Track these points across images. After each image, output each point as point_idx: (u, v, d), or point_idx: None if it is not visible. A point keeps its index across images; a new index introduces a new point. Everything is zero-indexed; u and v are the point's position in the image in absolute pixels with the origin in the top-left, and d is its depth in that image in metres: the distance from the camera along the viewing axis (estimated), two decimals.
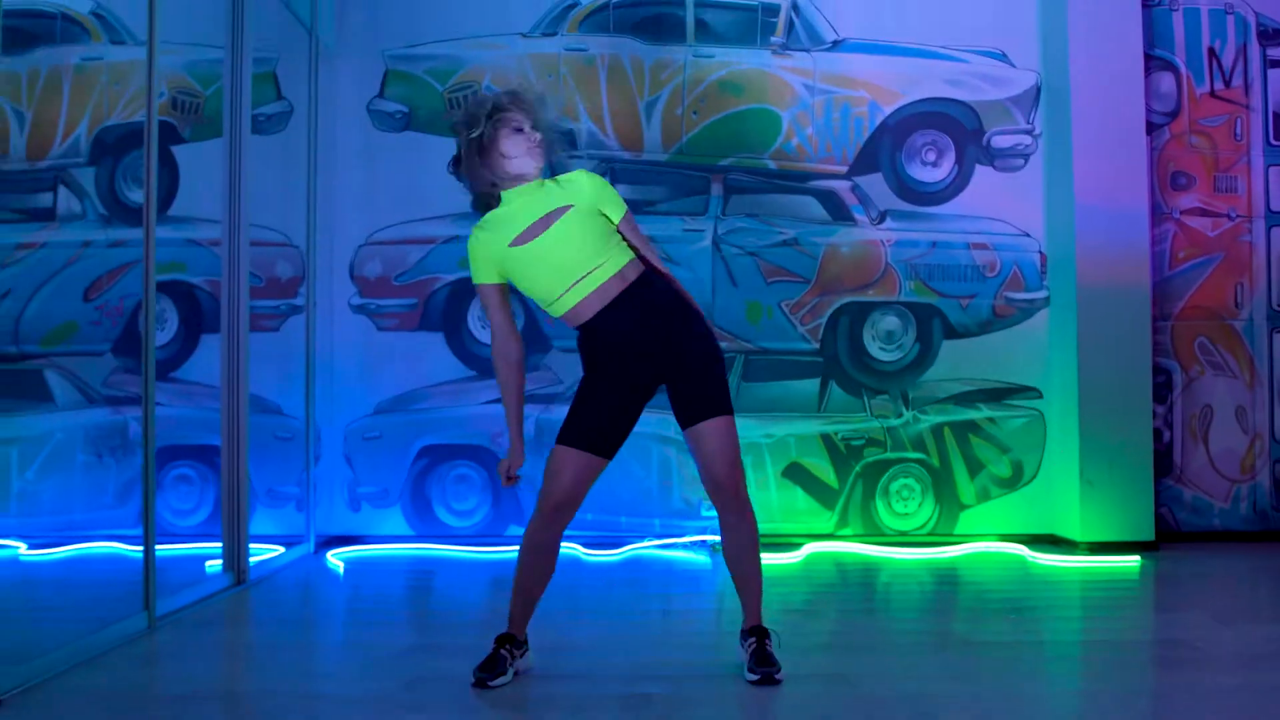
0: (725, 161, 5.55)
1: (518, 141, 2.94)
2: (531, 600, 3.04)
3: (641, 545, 5.28)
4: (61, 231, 5.44)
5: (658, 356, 2.97)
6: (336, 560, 4.97)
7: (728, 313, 5.48)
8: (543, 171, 3.02)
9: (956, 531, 5.50)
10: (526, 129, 2.95)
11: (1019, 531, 5.49)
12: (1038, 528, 5.49)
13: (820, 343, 5.53)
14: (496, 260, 2.96)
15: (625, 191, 5.35)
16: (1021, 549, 5.25)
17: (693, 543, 5.32)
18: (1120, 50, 5.35)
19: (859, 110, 5.59)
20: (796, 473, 5.50)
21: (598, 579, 4.62)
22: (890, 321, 5.56)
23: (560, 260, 2.92)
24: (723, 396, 2.99)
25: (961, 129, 5.61)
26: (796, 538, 5.35)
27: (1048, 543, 5.38)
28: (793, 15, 5.61)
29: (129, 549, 4.85)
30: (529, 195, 2.96)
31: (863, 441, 5.53)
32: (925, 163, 5.61)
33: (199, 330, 5.40)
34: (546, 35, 5.56)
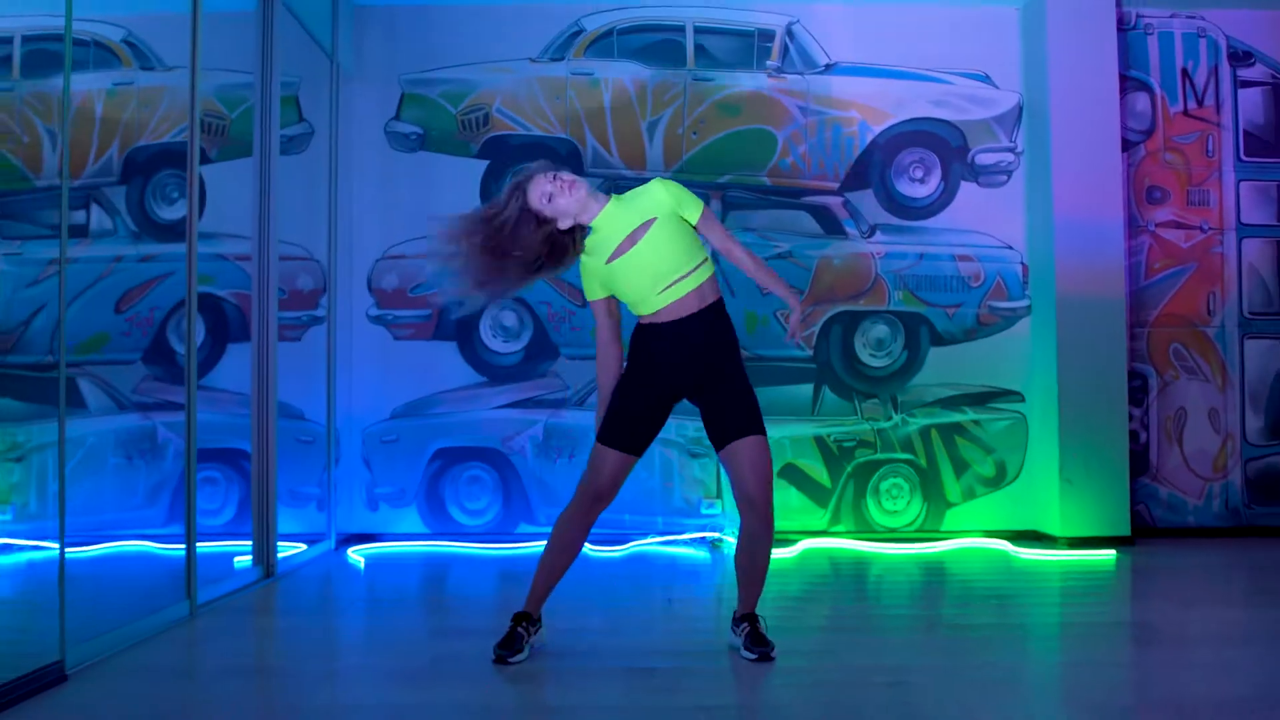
0: (724, 179, 5.76)
1: (544, 189, 3.19)
2: (554, 578, 3.30)
3: (645, 542, 5.50)
4: (94, 247, 5.66)
5: (702, 377, 3.24)
6: (357, 556, 5.19)
7: None
8: (611, 188, 3.27)
9: (943, 528, 5.71)
10: (548, 176, 3.21)
11: (1002, 528, 5.70)
12: (1020, 524, 5.70)
13: (814, 350, 5.76)
14: (601, 277, 3.26)
15: None
16: (1005, 544, 5.44)
17: (694, 539, 5.55)
18: (1097, 72, 5.54)
19: (850, 130, 5.81)
20: (791, 473, 5.71)
21: (603, 573, 4.84)
22: (880, 330, 5.76)
23: (655, 267, 3.19)
24: (756, 418, 3.24)
25: (947, 147, 5.83)
26: (791, 534, 5.54)
27: (1030, 538, 5.58)
28: (787, 41, 5.82)
29: (158, 547, 5.06)
30: (612, 217, 3.24)
31: (854, 443, 5.74)
32: (913, 179, 5.81)
33: (225, 340, 5.59)
34: (554, 60, 5.78)
